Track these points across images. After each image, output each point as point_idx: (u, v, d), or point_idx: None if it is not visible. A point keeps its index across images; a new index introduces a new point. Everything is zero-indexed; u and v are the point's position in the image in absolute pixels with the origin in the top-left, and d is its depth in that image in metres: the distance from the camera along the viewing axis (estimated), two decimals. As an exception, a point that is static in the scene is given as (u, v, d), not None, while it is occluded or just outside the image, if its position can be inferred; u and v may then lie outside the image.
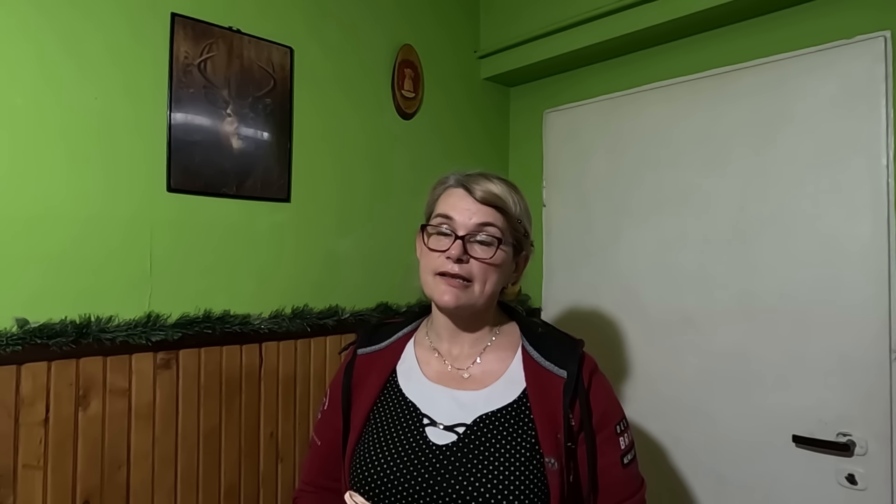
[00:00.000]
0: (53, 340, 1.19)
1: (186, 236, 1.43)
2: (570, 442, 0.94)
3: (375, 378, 1.06)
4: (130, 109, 1.35)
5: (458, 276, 0.97)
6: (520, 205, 1.03)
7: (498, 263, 1.00)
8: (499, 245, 0.98)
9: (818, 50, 1.52)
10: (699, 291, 1.71)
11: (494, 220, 0.99)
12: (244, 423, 1.49)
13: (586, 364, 1.01)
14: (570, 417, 0.94)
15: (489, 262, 0.98)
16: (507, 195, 1.01)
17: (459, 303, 0.98)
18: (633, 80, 1.91)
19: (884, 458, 1.39)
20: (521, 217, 1.03)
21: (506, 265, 1.02)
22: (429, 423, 0.97)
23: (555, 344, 1.03)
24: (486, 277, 0.99)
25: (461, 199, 1.00)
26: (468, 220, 0.98)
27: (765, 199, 1.59)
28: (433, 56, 2.02)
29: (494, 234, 0.99)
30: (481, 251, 0.98)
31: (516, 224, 1.02)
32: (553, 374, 0.98)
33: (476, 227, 0.98)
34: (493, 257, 0.98)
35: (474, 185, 1.00)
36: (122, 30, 1.34)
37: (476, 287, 0.99)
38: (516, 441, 0.93)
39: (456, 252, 0.97)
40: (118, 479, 1.29)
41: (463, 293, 0.98)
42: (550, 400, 0.95)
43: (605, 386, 1.04)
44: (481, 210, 0.99)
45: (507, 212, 1.00)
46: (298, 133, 1.65)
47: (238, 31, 1.52)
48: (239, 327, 1.47)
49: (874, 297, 1.41)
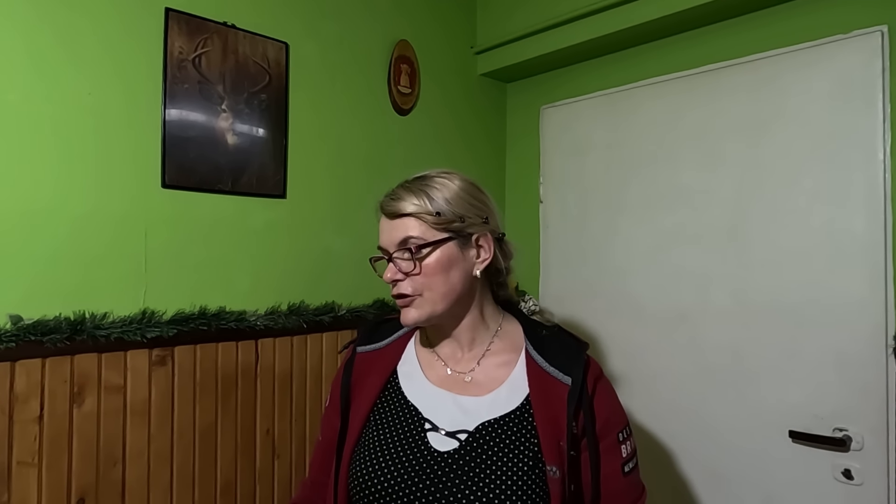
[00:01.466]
0: (48, 337, 1.18)
1: (181, 233, 1.43)
2: (573, 450, 0.93)
3: (376, 378, 1.04)
4: (124, 105, 1.35)
5: (403, 295, 0.98)
6: (444, 196, 0.97)
7: (432, 266, 0.96)
8: (413, 254, 0.95)
9: (814, 45, 1.52)
10: (695, 287, 1.71)
11: (407, 229, 0.96)
12: (240, 420, 1.49)
13: (591, 370, 1.00)
14: (574, 425, 0.93)
15: (418, 272, 0.96)
16: (414, 195, 0.97)
17: (419, 318, 0.98)
18: (629, 76, 1.91)
19: (880, 452, 1.39)
20: (443, 209, 0.96)
21: (451, 262, 0.97)
22: (430, 428, 0.96)
23: (559, 348, 1.01)
24: (429, 284, 0.96)
25: (383, 221, 1.01)
26: (388, 241, 0.99)
27: (761, 194, 1.59)
28: (429, 52, 2.01)
29: (411, 243, 0.95)
30: (405, 264, 0.96)
31: (436, 219, 0.96)
32: (557, 380, 0.96)
33: (397, 244, 0.97)
34: (416, 267, 0.96)
35: (385, 206, 1.00)
36: (115, 25, 1.33)
37: (425, 297, 0.97)
38: (518, 449, 0.92)
39: (389, 275, 0.98)
40: (113, 476, 1.28)
41: (416, 309, 0.98)
42: (554, 407, 0.94)
43: (609, 392, 1.03)
44: (395, 226, 0.98)
45: (417, 214, 0.96)
46: (294, 129, 1.64)
47: (233, 26, 1.51)
48: (235, 324, 1.46)
49: (870, 292, 1.41)
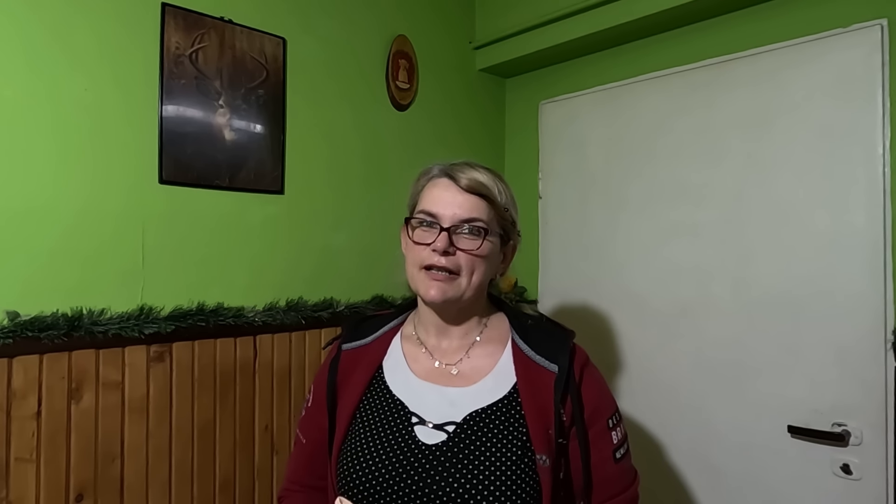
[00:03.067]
0: (45, 333, 1.19)
1: (179, 229, 1.43)
2: (562, 438, 0.92)
3: (361, 374, 1.03)
4: (121, 101, 1.34)
5: (445, 269, 0.95)
6: (505, 193, 1.00)
7: (485, 254, 0.97)
8: (485, 236, 0.96)
9: (814, 39, 1.51)
10: (695, 283, 1.71)
11: (480, 209, 0.96)
12: (239, 416, 1.49)
13: (577, 357, 0.99)
14: (562, 413, 0.92)
15: (476, 254, 0.96)
16: (492, 183, 0.98)
17: (446, 297, 0.96)
18: (628, 71, 1.90)
19: (879, 447, 1.39)
20: (507, 206, 1.00)
21: (493, 256, 1.00)
22: (417, 421, 0.95)
23: (545, 337, 1.01)
24: (474, 269, 0.96)
25: (446, 189, 0.97)
26: (454, 211, 0.95)
27: (760, 189, 1.59)
28: (428, 47, 2.00)
29: (480, 224, 0.96)
30: (468, 242, 0.95)
31: (503, 213, 0.99)
32: (544, 368, 0.96)
33: (462, 219, 0.95)
34: (480, 248, 0.96)
35: (459, 174, 0.97)
36: (111, 20, 1.33)
37: (463, 279, 0.96)
38: (507, 439, 0.91)
39: (442, 244, 0.94)
40: (112, 472, 1.29)
41: (449, 287, 0.96)
42: (541, 395, 0.93)
43: (596, 379, 1.02)
44: (467, 200, 0.96)
45: (493, 200, 0.97)
46: (292, 124, 1.63)
47: (230, 21, 1.51)
48: (233, 320, 1.47)
49: (870, 287, 1.41)
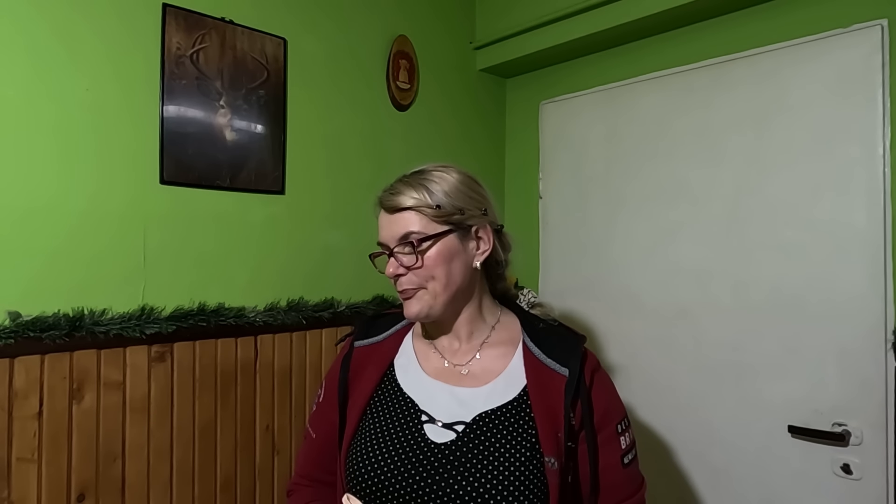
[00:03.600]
0: (47, 333, 1.19)
1: (180, 229, 1.43)
2: (571, 441, 0.92)
3: (372, 371, 1.04)
4: (123, 101, 1.34)
5: (406, 289, 0.99)
6: (443, 189, 0.98)
7: (434, 261, 0.96)
8: (415, 247, 0.96)
9: (814, 39, 1.51)
10: (695, 282, 1.71)
11: (408, 223, 0.97)
12: (240, 416, 1.49)
13: (588, 362, 1.00)
14: (572, 416, 0.93)
15: (418, 266, 0.97)
16: (417, 191, 0.97)
17: (421, 310, 0.98)
18: (628, 71, 1.90)
19: (879, 447, 1.39)
20: (443, 201, 0.97)
21: (452, 254, 0.98)
22: (427, 420, 0.95)
23: (557, 340, 1.01)
24: (431, 277, 0.97)
25: (382, 216, 1.01)
26: (389, 236, 0.99)
27: (760, 189, 1.59)
28: (428, 47, 2.00)
29: (412, 237, 0.96)
30: (406, 260, 0.97)
31: (436, 212, 0.96)
32: (555, 371, 0.96)
33: (396, 239, 0.97)
34: (418, 261, 0.96)
35: (385, 200, 1.00)
36: (113, 20, 1.33)
37: (428, 288, 0.98)
38: (516, 440, 0.92)
39: (391, 269, 0.98)
40: (113, 472, 1.29)
41: (418, 301, 0.98)
42: (551, 398, 0.94)
43: (607, 384, 1.03)
44: (394, 220, 0.98)
45: (417, 208, 0.96)
46: (292, 125, 1.64)
47: (231, 21, 1.51)
48: (234, 320, 1.47)
49: (870, 287, 1.41)
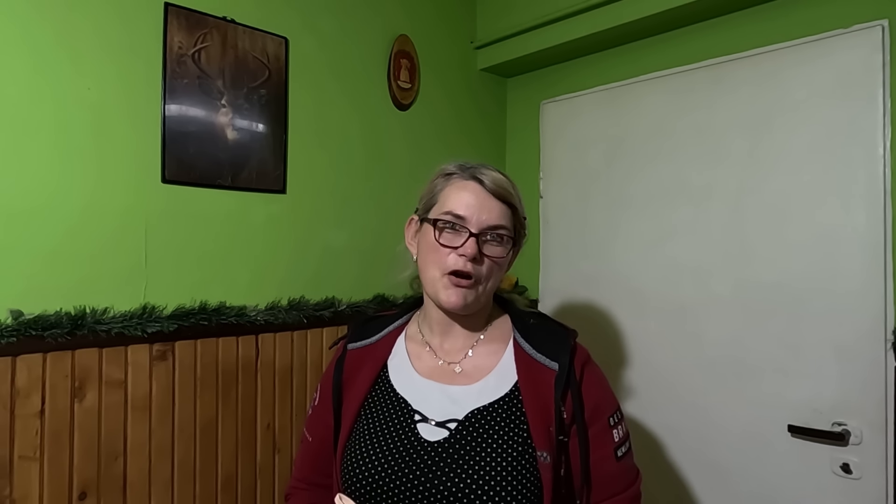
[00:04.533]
0: (48, 332, 1.19)
1: (181, 228, 1.43)
2: (562, 435, 0.93)
3: (366, 373, 1.04)
4: (124, 100, 1.35)
5: (469, 275, 0.95)
6: (521, 200, 1.02)
7: (504, 263, 0.99)
8: (512, 245, 0.98)
9: (815, 39, 1.51)
10: (695, 282, 1.71)
11: (505, 216, 0.97)
12: (241, 415, 1.50)
13: (578, 355, 1.00)
14: (562, 410, 0.93)
15: (499, 262, 0.97)
16: (514, 190, 1.00)
17: (466, 303, 0.96)
18: (629, 71, 1.90)
19: (878, 447, 1.39)
20: (524, 214, 1.02)
21: (507, 264, 1.02)
22: (420, 419, 0.96)
23: (546, 336, 1.02)
24: (491, 276, 0.98)
25: (473, 192, 0.96)
26: (482, 216, 0.95)
27: (761, 189, 1.59)
28: (429, 46, 2.01)
29: (505, 232, 0.97)
30: (494, 249, 0.96)
31: (522, 221, 1.01)
32: (545, 366, 0.97)
33: (489, 225, 0.95)
34: (506, 256, 0.98)
35: (484, 177, 0.97)
36: (115, 20, 1.33)
37: (481, 287, 0.97)
38: (508, 436, 0.92)
39: (472, 251, 0.93)
40: (115, 470, 1.29)
41: (470, 293, 0.96)
42: (542, 393, 0.94)
43: (598, 377, 1.03)
44: (495, 206, 0.96)
45: (515, 208, 0.99)
46: (294, 124, 1.64)
47: (232, 21, 1.51)
48: (235, 319, 1.47)
49: (870, 286, 1.41)
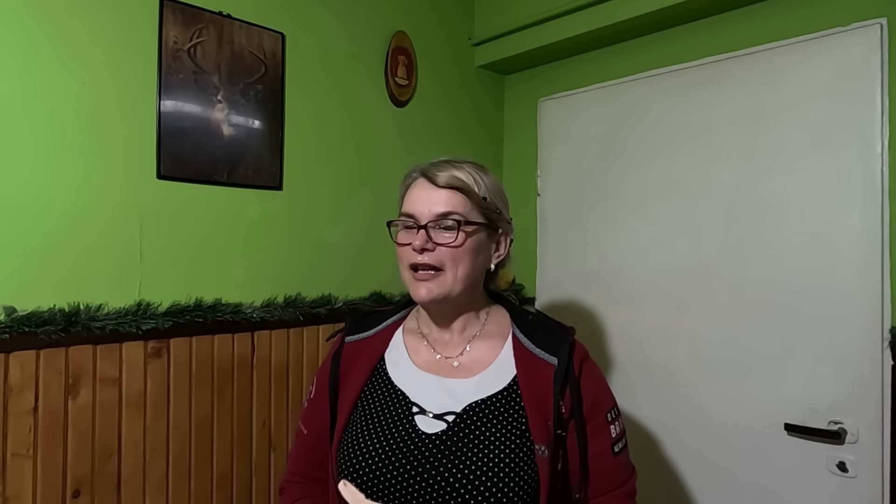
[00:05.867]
0: (42, 328, 1.18)
1: (177, 224, 1.42)
2: (560, 429, 0.93)
3: (363, 365, 1.04)
4: (119, 95, 1.34)
5: (427, 266, 0.96)
6: (487, 184, 1.01)
7: (467, 247, 0.97)
8: (460, 227, 0.96)
9: (813, 38, 1.51)
10: (692, 280, 1.71)
11: (455, 203, 0.97)
12: (236, 412, 1.49)
13: (577, 351, 1.01)
14: (561, 405, 0.94)
15: (454, 246, 0.97)
16: (469, 177, 0.99)
17: (433, 295, 0.97)
18: (626, 69, 1.90)
19: (875, 445, 1.40)
20: (488, 195, 1.00)
21: (480, 248, 1.00)
22: (418, 411, 0.96)
23: (545, 331, 1.02)
24: (457, 263, 0.97)
25: (422, 188, 0.99)
26: (429, 207, 0.97)
27: (758, 188, 1.59)
28: (427, 43, 2.00)
29: (456, 217, 0.97)
30: (445, 236, 0.96)
31: (482, 203, 0.99)
32: (544, 361, 0.97)
33: (437, 213, 0.96)
34: (457, 240, 0.96)
35: (435, 172, 0.98)
36: (110, 14, 1.32)
37: (448, 274, 0.97)
38: (506, 429, 0.93)
39: (419, 242, 0.95)
40: (109, 468, 1.28)
41: (435, 284, 0.97)
42: (541, 387, 0.95)
43: (596, 373, 1.04)
44: (442, 195, 0.97)
45: (469, 192, 0.98)
46: (290, 120, 1.63)
47: (228, 16, 1.50)
48: (231, 316, 1.46)
49: (867, 285, 1.41)
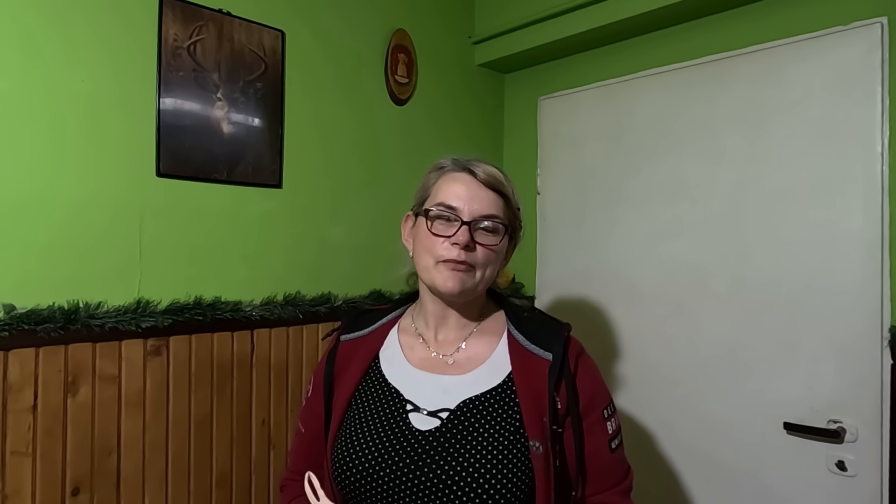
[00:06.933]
0: (41, 326, 1.18)
1: (176, 222, 1.42)
2: (556, 425, 0.93)
3: (358, 364, 1.04)
4: (118, 93, 1.33)
5: (464, 263, 0.96)
6: (515, 192, 1.04)
7: (499, 251, 1.00)
8: (505, 233, 0.99)
9: (814, 36, 1.51)
10: (692, 279, 1.71)
11: (498, 206, 0.99)
12: (236, 410, 1.49)
13: (572, 347, 1.01)
14: (556, 400, 0.94)
15: (493, 250, 0.98)
16: (506, 181, 1.02)
17: (464, 288, 0.97)
18: (627, 67, 1.90)
19: (874, 444, 1.40)
20: (518, 205, 1.04)
21: (504, 253, 1.03)
22: (412, 408, 0.96)
23: (540, 327, 1.02)
24: (488, 264, 0.99)
25: (465, 183, 0.99)
26: (473, 205, 0.97)
27: (758, 186, 1.59)
28: (427, 41, 1.99)
29: (499, 221, 0.98)
30: (487, 238, 0.97)
31: (515, 211, 1.03)
32: (538, 356, 0.97)
33: (482, 214, 0.97)
34: (498, 244, 0.99)
35: (476, 169, 0.99)
36: (109, 11, 1.32)
37: (478, 273, 0.98)
38: (500, 425, 0.92)
39: (464, 239, 0.95)
40: (108, 466, 1.28)
41: (467, 279, 0.97)
42: (536, 383, 0.95)
43: (592, 369, 1.03)
44: (487, 195, 0.98)
45: (508, 198, 1.01)
46: (290, 118, 1.63)
47: (228, 13, 1.50)
48: (230, 314, 1.46)
49: (867, 284, 1.41)
